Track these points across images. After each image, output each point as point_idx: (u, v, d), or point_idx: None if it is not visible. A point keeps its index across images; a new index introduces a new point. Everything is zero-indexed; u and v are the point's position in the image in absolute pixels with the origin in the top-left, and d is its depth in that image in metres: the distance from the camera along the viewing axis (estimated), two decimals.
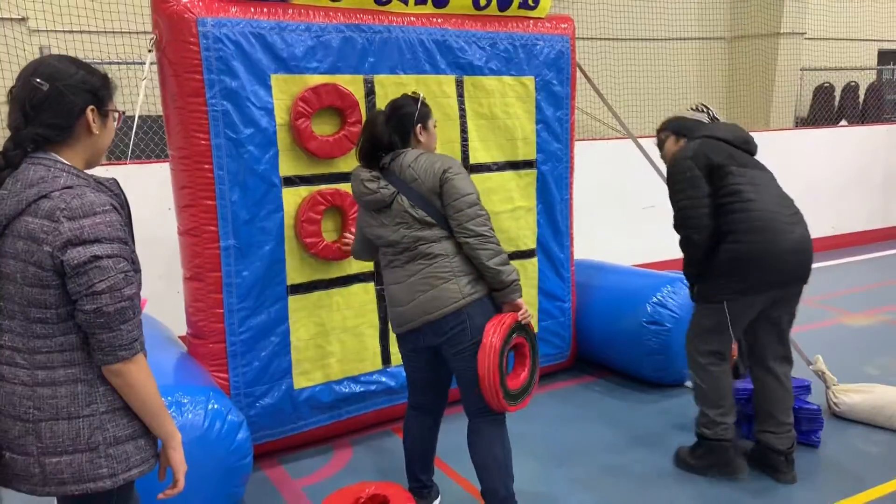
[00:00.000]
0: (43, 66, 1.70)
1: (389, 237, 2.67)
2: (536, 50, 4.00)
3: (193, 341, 3.34)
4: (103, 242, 1.62)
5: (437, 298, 2.60)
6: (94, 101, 1.73)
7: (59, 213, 1.60)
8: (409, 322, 2.69)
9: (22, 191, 1.62)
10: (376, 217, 2.71)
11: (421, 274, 2.63)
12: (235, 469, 2.84)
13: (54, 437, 1.66)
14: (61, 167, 1.67)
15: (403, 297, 2.67)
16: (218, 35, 3.07)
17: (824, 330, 5.37)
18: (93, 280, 1.60)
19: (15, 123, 1.69)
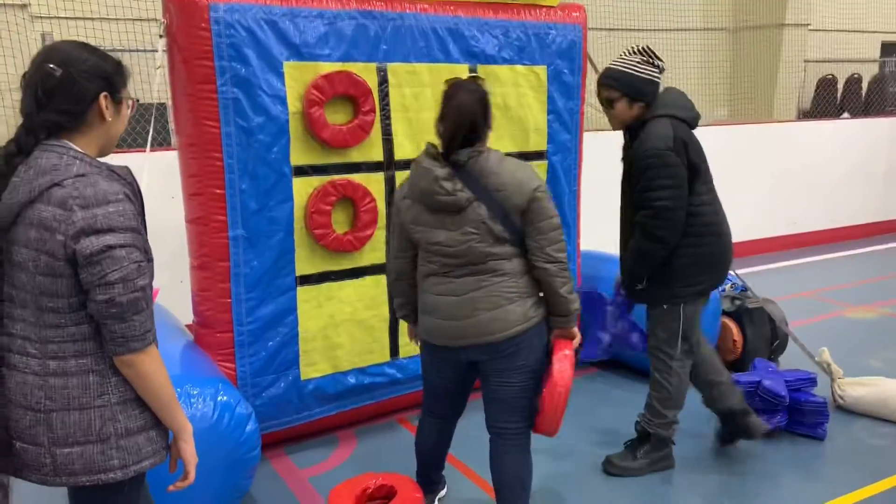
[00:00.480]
0: (56, 52, 1.67)
1: (452, 246, 2.41)
2: (549, 39, 3.96)
3: (200, 331, 3.32)
4: (116, 232, 1.60)
5: (501, 320, 2.42)
6: (107, 88, 1.70)
7: (71, 201, 1.58)
8: (459, 339, 2.48)
9: (34, 178, 1.60)
10: (437, 219, 2.43)
11: (485, 291, 2.42)
12: (244, 461, 2.83)
13: (65, 428, 1.65)
14: (74, 154, 1.64)
15: (458, 312, 2.44)
16: (230, 21, 3.03)
17: (826, 322, 5.38)
18: (105, 270, 1.58)
19: (27, 110, 1.66)
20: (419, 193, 2.44)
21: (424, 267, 2.53)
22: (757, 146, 7.48)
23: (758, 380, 3.56)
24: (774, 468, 3.33)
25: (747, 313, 4.34)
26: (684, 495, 3.15)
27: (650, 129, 2.93)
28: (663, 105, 2.99)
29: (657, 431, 3.24)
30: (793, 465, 3.35)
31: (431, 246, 2.46)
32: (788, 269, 7.08)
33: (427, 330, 2.58)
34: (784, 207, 7.80)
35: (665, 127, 2.92)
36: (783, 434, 3.60)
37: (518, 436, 2.60)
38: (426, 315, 2.56)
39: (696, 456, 3.46)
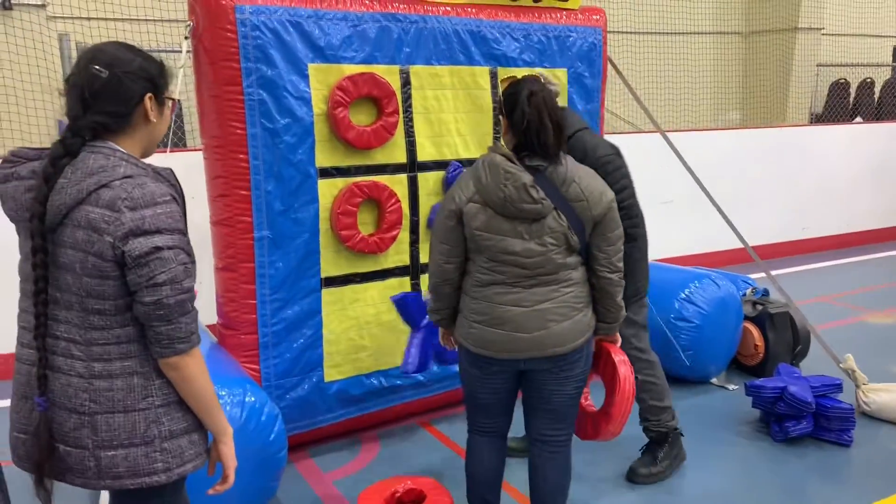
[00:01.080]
0: (101, 54, 1.67)
1: (529, 257, 2.31)
2: (569, 42, 3.95)
3: (224, 332, 3.31)
4: (164, 233, 1.59)
5: (571, 331, 2.36)
6: (152, 89, 1.71)
7: (120, 202, 1.57)
8: (526, 351, 2.36)
9: (82, 179, 1.59)
10: (513, 227, 2.30)
11: (556, 302, 2.34)
12: (271, 462, 2.82)
13: (110, 431, 1.64)
14: (121, 156, 1.64)
15: (528, 325, 2.34)
16: (256, 22, 3.03)
17: (847, 328, 5.35)
18: (154, 271, 1.58)
19: (73, 112, 1.65)
20: (499, 200, 2.27)
21: (487, 276, 2.37)
22: (769, 150, 7.46)
23: (783, 385, 3.53)
24: (801, 475, 3.30)
25: (769, 318, 4.31)
26: (703, 498, 3.12)
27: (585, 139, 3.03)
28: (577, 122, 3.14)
29: (667, 427, 3.26)
30: (819, 472, 3.33)
31: (505, 256, 2.33)
32: (802, 274, 7.05)
33: (484, 342, 2.40)
34: (797, 212, 7.77)
35: (589, 135, 3.09)
36: (809, 440, 3.57)
37: (564, 444, 2.57)
38: (484, 326, 2.39)
39: (719, 463, 3.44)
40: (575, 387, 2.48)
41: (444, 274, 2.46)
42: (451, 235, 2.40)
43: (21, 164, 1.66)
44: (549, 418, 2.52)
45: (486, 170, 2.31)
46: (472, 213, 2.34)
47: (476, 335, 2.42)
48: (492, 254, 2.35)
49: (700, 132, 7.36)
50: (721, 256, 6.84)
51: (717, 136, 7.36)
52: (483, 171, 2.32)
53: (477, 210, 2.33)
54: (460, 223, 2.38)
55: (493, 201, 2.29)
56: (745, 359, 4.44)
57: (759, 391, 3.61)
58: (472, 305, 2.43)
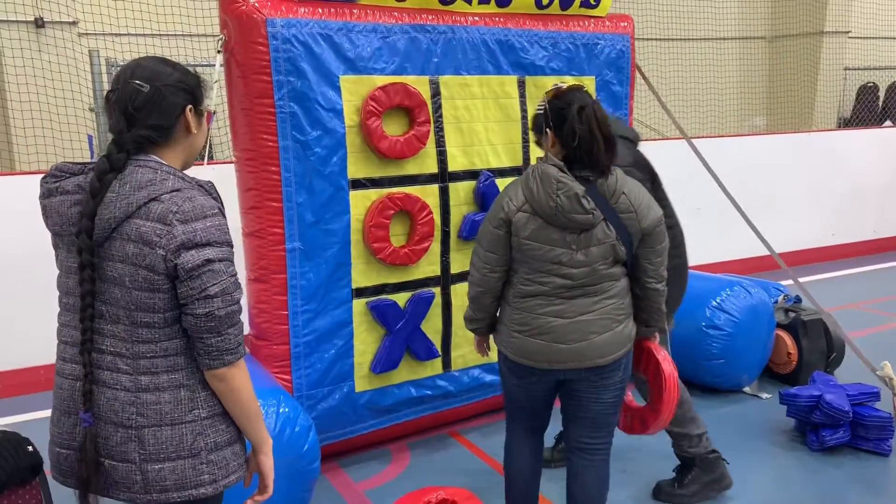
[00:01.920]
0: (140, 68, 1.69)
1: (576, 268, 2.31)
2: (597, 50, 3.94)
3: (256, 342, 3.33)
4: (215, 246, 1.61)
5: (611, 343, 2.37)
6: (192, 101, 1.72)
7: (171, 215, 1.58)
8: (566, 362, 2.37)
9: (131, 193, 1.60)
10: (561, 237, 2.30)
11: (598, 313, 2.35)
12: (304, 473, 2.83)
13: (158, 444, 1.64)
14: (166, 169, 1.65)
15: (568, 336, 2.34)
16: (287, 36, 3.06)
17: (881, 335, 5.26)
18: (206, 284, 1.59)
19: (117, 127, 1.67)
20: (550, 210, 2.26)
21: (529, 287, 2.38)
22: (797, 156, 7.37)
23: (819, 394, 3.48)
24: (839, 485, 3.25)
25: (802, 325, 4.26)
26: None
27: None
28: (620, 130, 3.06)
29: (692, 453, 3.12)
30: (858, 482, 3.27)
31: (551, 266, 2.33)
32: (832, 281, 6.95)
33: (524, 352, 2.41)
34: (826, 218, 7.67)
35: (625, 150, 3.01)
36: (846, 450, 3.51)
37: (604, 451, 2.56)
38: (525, 336, 2.39)
39: (754, 470, 3.39)
40: (614, 395, 2.48)
41: (487, 283, 2.45)
42: (499, 244, 2.38)
43: (65, 179, 1.67)
44: (589, 426, 2.52)
45: (538, 180, 2.30)
46: (521, 222, 2.33)
47: (516, 344, 2.43)
48: (538, 264, 2.35)
49: (726, 138, 7.30)
50: (751, 263, 6.77)
51: (743, 142, 7.29)
52: (534, 180, 2.31)
53: (527, 219, 2.32)
54: (508, 232, 2.36)
55: (544, 211, 2.28)
56: (777, 367, 4.39)
57: (794, 399, 3.57)
58: (514, 316, 2.43)
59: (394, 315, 3.44)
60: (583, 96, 2.32)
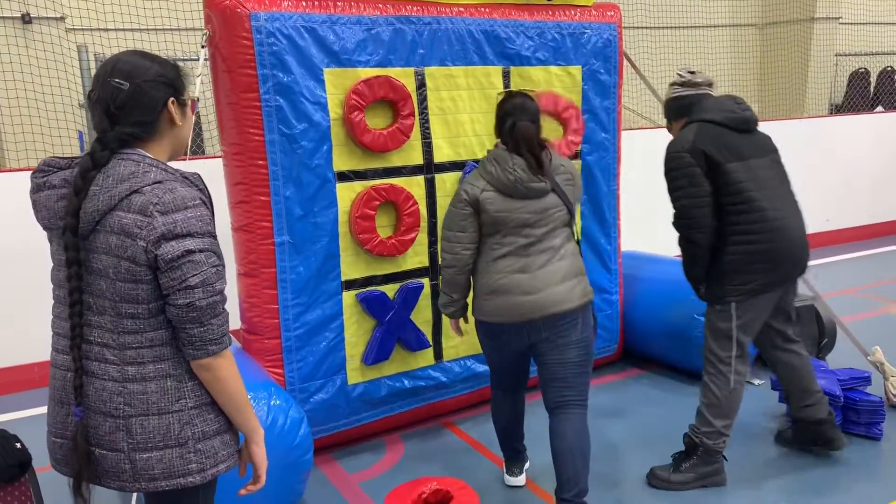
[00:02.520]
0: (119, 66, 1.69)
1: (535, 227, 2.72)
2: (584, 39, 3.94)
3: (248, 337, 3.34)
4: (195, 237, 1.61)
5: (572, 291, 2.72)
6: (174, 93, 1.72)
7: (151, 207, 1.59)
8: (535, 312, 2.69)
9: (114, 186, 1.61)
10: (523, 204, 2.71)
11: (555, 267, 2.72)
12: (298, 465, 2.84)
13: (145, 433, 1.66)
14: (150, 162, 1.66)
15: (534, 286, 2.69)
16: (271, 29, 3.05)
17: (872, 320, 5.28)
18: (186, 274, 1.60)
19: (101, 126, 1.68)
20: (510, 182, 2.68)
21: (498, 249, 2.74)
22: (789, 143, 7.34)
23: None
24: (831, 470, 3.26)
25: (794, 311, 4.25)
26: (735, 496, 3.09)
27: (680, 134, 3.05)
28: (697, 111, 3.07)
29: (703, 441, 3.12)
30: (849, 466, 3.28)
31: (517, 228, 2.71)
32: (826, 267, 6.96)
33: (496, 310, 2.74)
34: (819, 204, 7.66)
35: (688, 132, 3.00)
36: None
37: (579, 406, 2.79)
38: (497, 296, 2.73)
39: (748, 456, 3.41)
40: (577, 353, 2.75)
41: (461, 261, 2.80)
42: (468, 223, 2.76)
43: (53, 174, 1.69)
44: (559, 386, 2.78)
45: (495, 162, 2.73)
46: (488, 199, 2.72)
47: (490, 306, 2.76)
48: (508, 229, 2.72)
49: None
50: None
51: None
52: (491, 164, 2.74)
53: (493, 197, 2.72)
54: (475, 212, 2.74)
55: (504, 185, 2.70)
56: None
57: None
58: (485, 280, 2.77)
59: (383, 306, 3.45)
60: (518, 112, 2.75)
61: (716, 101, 3.10)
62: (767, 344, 3.29)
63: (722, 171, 2.92)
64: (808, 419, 3.29)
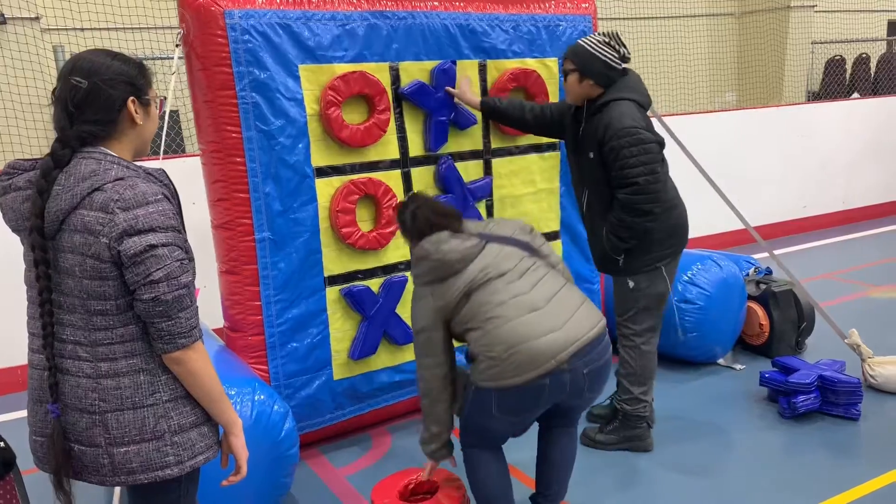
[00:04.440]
0: (80, 63, 1.70)
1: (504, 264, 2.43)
2: (559, 31, 3.96)
3: (231, 334, 3.34)
4: (157, 231, 1.63)
5: (592, 310, 2.45)
6: (134, 92, 1.73)
7: (112, 204, 1.60)
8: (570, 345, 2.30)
9: (75, 185, 1.63)
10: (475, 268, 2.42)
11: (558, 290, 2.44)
12: (283, 459, 2.85)
13: (121, 428, 1.68)
14: (111, 159, 1.67)
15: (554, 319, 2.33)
16: (245, 27, 3.05)
17: (851, 303, 5.36)
18: (150, 269, 1.61)
19: (60, 124, 1.69)
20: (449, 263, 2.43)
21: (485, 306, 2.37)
22: (767, 130, 7.46)
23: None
24: (810, 450, 3.32)
25: (773, 297, 4.33)
26: (716, 476, 3.14)
27: (618, 109, 3.04)
28: (625, 88, 3.11)
29: (623, 407, 3.35)
30: (828, 446, 3.35)
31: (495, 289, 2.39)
32: (805, 253, 7.05)
33: (529, 363, 2.28)
34: (797, 191, 7.77)
35: (631, 108, 3.06)
36: (817, 416, 3.59)
37: (576, 428, 2.75)
38: (517, 348, 2.29)
39: (729, 438, 3.46)
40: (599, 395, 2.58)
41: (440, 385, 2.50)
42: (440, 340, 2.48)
43: (17, 176, 1.70)
44: (568, 421, 2.69)
45: (419, 262, 2.50)
46: (441, 293, 2.43)
47: (515, 362, 2.28)
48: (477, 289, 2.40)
49: (697, 115, 7.37)
50: (724, 238, 6.85)
51: (714, 119, 7.37)
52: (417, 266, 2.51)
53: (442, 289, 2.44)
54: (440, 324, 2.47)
55: (440, 269, 2.44)
56: (750, 338, 4.46)
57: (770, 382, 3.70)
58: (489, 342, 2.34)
59: (368, 301, 3.47)
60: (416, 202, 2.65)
61: (635, 78, 3.19)
62: None
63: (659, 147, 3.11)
64: None
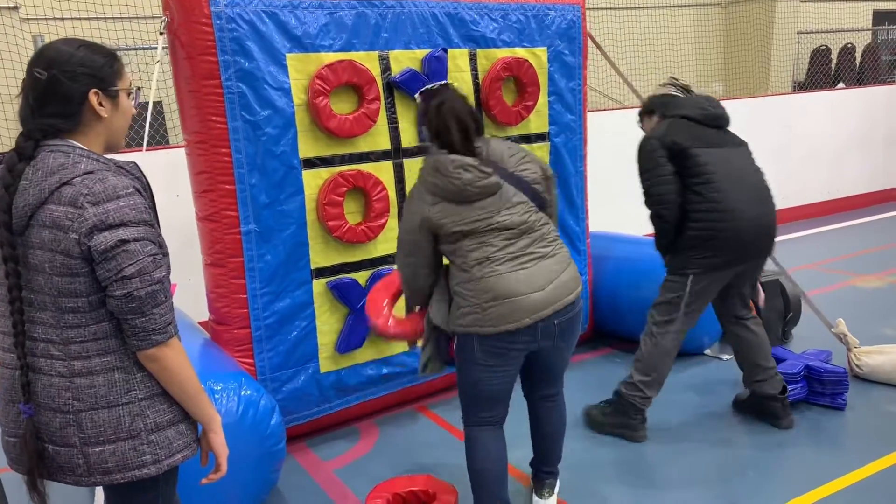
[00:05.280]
0: (43, 52, 1.64)
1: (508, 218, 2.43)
2: (548, 20, 3.93)
3: (217, 327, 3.30)
4: (129, 226, 1.58)
5: (573, 279, 2.52)
6: (97, 84, 1.65)
7: (82, 198, 1.56)
8: (548, 307, 2.41)
9: (43, 179, 1.58)
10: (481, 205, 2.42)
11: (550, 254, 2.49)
12: (270, 454, 2.83)
13: (95, 427, 1.64)
14: (80, 152, 1.62)
15: (538, 281, 2.41)
16: (231, 15, 3.00)
17: (837, 293, 5.39)
18: (122, 265, 1.57)
19: (23, 115, 1.64)
20: (457, 188, 2.40)
21: (477, 251, 2.42)
22: (753, 120, 7.46)
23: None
24: (796, 439, 3.33)
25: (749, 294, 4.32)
26: (703, 467, 3.15)
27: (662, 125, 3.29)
28: (671, 108, 3.32)
29: (621, 389, 3.41)
30: (814, 436, 3.36)
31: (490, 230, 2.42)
32: (791, 242, 7.08)
33: (507, 315, 2.39)
34: (783, 180, 7.77)
35: (661, 125, 3.27)
36: (803, 405, 3.60)
37: (562, 393, 2.82)
38: (502, 299, 2.39)
39: (716, 428, 3.47)
40: (570, 353, 2.68)
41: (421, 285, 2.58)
42: (423, 248, 2.50)
43: None
44: (549, 383, 2.74)
45: (435, 172, 2.44)
46: (441, 214, 2.44)
47: (495, 313, 2.39)
48: (477, 234, 2.43)
49: None
50: None
51: None
52: (431, 175, 2.45)
53: (444, 209, 2.44)
54: (428, 234, 2.48)
55: (453, 193, 2.41)
56: None
57: None
58: (479, 287, 2.41)
59: (355, 294, 3.44)
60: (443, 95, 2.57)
61: (689, 98, 3.39)
62: (725, 317, 3.50)
63: (687, 154, 3.15)
64: (758, 393, 3.45)
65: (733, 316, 3.45)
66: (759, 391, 3.43)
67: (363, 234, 3.39)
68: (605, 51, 4.51)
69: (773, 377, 3.40)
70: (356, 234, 3.37)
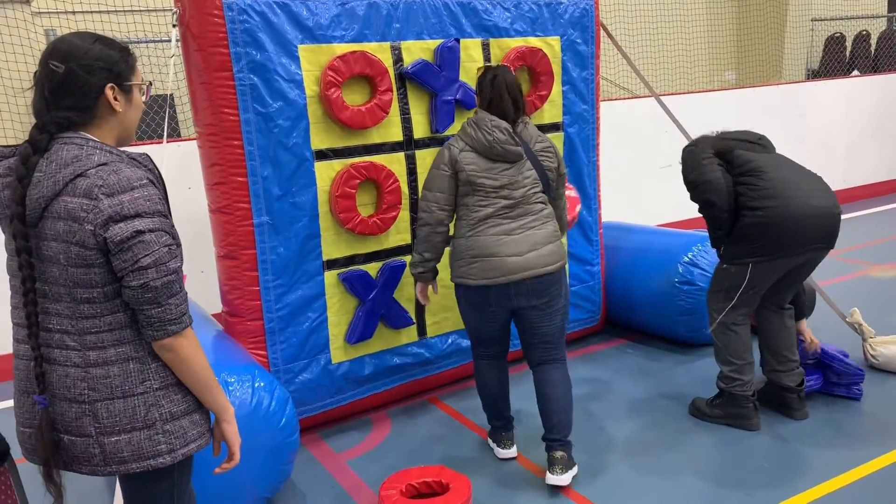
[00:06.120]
0: (59, 46, 1.65)
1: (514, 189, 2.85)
2: (561, 9, 3.91)
3: (230, 319, 3.31)
4: (144, 217, 1.59)
5: (554, 254, 2.87)
6: (113, 79, 1.66)
7: (97, 190, 1.56)
8: (520, 272, 2.79)
9: (57, 171, 1.58)
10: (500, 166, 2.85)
11: (539, 228, 2.86)
12: (284, 446, 2.83)
13: (111, 417, 1.65)
14: (94, 145, 1.63)
15: (519, 248, 2.81)
16: (242, 6, 2.99)
17: (852, 282, 5.35)
18: (137, 255, 1.57)
19: (37, 108, 1.65)
20: (487, 143, 2.83)
21: (480, 211, 2.86)
22: (767, 109, 7.40)
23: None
24: (813, 430, 3.31)
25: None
26: (719, 455, 3.14)
27: None
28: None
29: (718, 384, 3.40)
30: (831, 426, 3.34)
31: (497, 189, 2.84)
32: None
33: (483, 272, 2.83)
34: None
35: None
36: (819, 396, 3.58)
37: (562, 361, 3.00)
38: (482, 258, 2.83)
39: None
40: (561, 319, 2.95)
41: (437, 218, 2.92)
42: (447, 184, 2.90)
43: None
44: (545, 347, 2.96)
45: (474, 125, 2.88)
46: (466, 160, 2.86)
47: (475, 268, 2.84)
48: (486, 191, 2.84)
49: (696, 94, 7.31)
50: None
51: (714, 98, 7.31)
52: (470, 127, 2.89)
53: (470, 157, 2.87)
54: (454, 174, 2.89)
55: (483, 146, 2.84)
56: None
57: None
58: (469, 243, 2.86)
59: (366, 285, 3.44)
60: (497, 69, 2.96)
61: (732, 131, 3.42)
62: (766, 300, 3.43)
63: (730, 154, 3.21)
64: (776, 382, 3.44)
65: (775, 303, 3.41)
66: (777, 381, 3.41)
67: (375, 226, 3.39)
68: (617, 40, 4.47)
69: (794, 370, 3.39)
70: (368, 225, 3.37)
